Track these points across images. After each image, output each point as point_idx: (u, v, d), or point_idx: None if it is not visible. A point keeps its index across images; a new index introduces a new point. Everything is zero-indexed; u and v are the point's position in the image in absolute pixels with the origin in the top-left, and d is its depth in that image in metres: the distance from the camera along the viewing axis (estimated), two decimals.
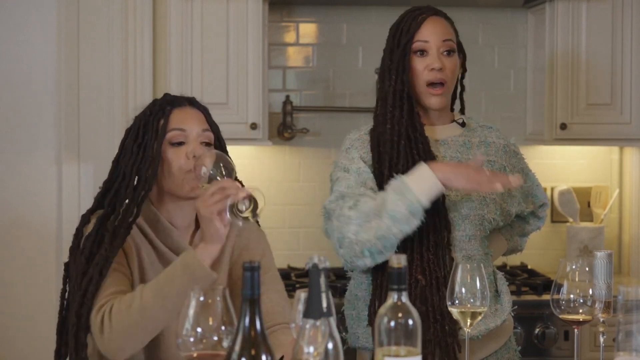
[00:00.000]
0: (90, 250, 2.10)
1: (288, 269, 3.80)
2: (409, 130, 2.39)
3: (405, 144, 2.37)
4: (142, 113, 2.21)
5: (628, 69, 3.64)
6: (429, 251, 2.34)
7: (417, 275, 2.32)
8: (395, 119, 2.39)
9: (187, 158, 2.14)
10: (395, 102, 2.40)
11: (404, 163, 2.35)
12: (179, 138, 2.16)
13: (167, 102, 2.20)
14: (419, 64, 2.41)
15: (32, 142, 3.62)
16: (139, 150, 2.15)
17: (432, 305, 2.31)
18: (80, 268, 2.09)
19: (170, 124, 2.16)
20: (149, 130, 2.16)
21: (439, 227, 2.35)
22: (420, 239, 2.33)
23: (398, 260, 1.53)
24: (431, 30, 2.42)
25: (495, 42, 3.95)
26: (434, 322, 2.31)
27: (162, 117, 2.16)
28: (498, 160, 2.51)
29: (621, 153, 3.96)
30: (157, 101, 2.24)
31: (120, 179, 2.17)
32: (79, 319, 2.05)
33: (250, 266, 1.45)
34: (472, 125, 2.54)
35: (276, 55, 3.89)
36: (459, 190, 2.35)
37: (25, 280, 3.58)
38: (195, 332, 1.57)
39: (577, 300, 2.07)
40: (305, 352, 1.45)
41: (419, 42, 2.41)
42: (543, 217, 2.69)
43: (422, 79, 2.41)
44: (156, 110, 2.18)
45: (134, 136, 2.18)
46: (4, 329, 3.58)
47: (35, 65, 3.60)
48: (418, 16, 2.43)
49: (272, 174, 3.90)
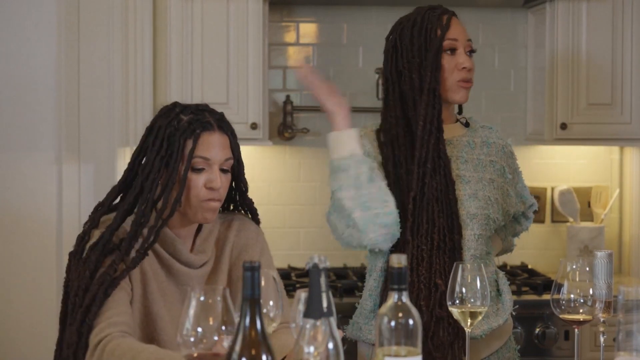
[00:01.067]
0: (96, 263, 2.07)
1: (288, 269, 3.80)
2: (436, 129, 2.41)
3: (434, 142, 2.39)
4: (167, 121, 2.14)
5: (628, 68, 3.64)
6: (446, 255, 2.36)
7: (436, 280, 2.34)
8: (429, 118, 2.39)
9: (205, 188, 2.13)
10: (429, 100, 2.40)
11: (431, 162, 2.38)
12: (201, 165, 2.13)
13: (198, 124, 2.13)
14: (448, 62, 2.44)
15: (32, 142, 3.61)
16: (161, 165, 2.11)
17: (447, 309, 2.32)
18: (83, 282, 2.06)
19: (197, 150, 2.12)
20: (174, 149, 2.11)
21: (453, 229, 2.38)
22: (439, 242, 2.36)
23: (398, 260, 1.53)
24: (458, 29, 2.46)
25: (495, 42, 3.95)
26: (448, 325, 2.32)
27: (189, 138, 2.12)
28: (498, 160, 2.53)
29: (621, 153, 3.96)
30: (184, 111, 2.16)
31: (138, 190, 2.12)
32: (79, 337, 2.03)
33: (250, 266, 1.45)
34: (474, 126, 2.57)
35: (276, 55, 3.89)
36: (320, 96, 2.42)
37: (25, 281, 3.57)
38: (196, 332, 1.57)
39: (577, 300, 2.07)
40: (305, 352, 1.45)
41: (450, 41, 2.44)
42: (531, 218, 2.73)
43: (453, 77, 2.44)
44: (184, 128, 2.12)
45: (157, 147, 2.12)
46: (4, 329, 3.57)
47: (35, 64, 3.60)
48: (441, 15, 2.45)
49: (272, 174, 3.90)
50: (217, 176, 2.14)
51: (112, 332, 2.00)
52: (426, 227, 2.36)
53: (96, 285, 2.04)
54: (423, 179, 2.37)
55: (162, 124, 2.15)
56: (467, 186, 2.44)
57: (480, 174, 2.47)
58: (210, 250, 2.23)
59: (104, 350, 1.97)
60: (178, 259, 2.17)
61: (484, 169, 2.49)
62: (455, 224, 2.38)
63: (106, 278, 2.04)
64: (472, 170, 2.46)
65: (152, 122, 2.19)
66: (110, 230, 2.10)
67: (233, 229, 2.28)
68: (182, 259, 2.18)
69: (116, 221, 2.11)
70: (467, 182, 2.44)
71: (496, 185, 2.49)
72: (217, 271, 2.24)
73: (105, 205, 2.18)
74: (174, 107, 2.19)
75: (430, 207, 2.36)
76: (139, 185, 2.13)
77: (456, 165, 2.45)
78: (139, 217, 2.09)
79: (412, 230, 2.35)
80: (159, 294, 2.15)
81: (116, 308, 2.05)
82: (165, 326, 2.13)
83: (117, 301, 2.06)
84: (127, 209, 2.13)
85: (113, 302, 2.05)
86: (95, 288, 2.04)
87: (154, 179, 2.11)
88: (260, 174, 3.88)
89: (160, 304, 2.14)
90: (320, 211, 3.68)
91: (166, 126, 2.14)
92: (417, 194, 2.36)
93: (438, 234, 2.36)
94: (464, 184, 2.44)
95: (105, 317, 2.03)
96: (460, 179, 2.44)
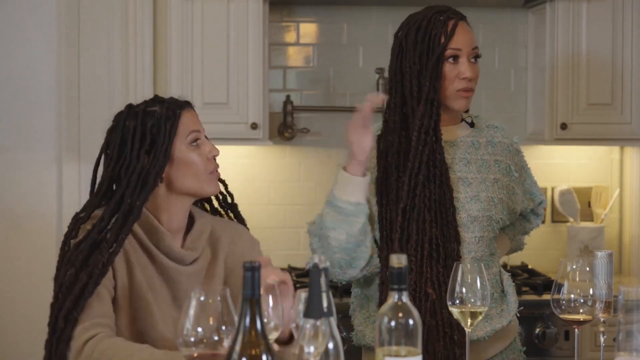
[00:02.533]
0: (83, 260, 2.07)
1: (288, 269, 3.80)
2: (433, 140, 2.38)
3: (429, 154, 2.36)
4: (139, 119, 2.17)
5: (628, 68, 3.64)
6: (439, 263, 2.34)
7: (427, 289, 2.33)
8: (424, 128, 2.37)
9: (207, 159, 2.19)
10: (426, 110, 2.37)
11: (424, 173, 2.35)
12: (196, 138, 2.20)
13: (174, 106, 2.20)
14: (450, 71, 2.40)
15: (32, 142, 3.62)
16: (149, 153, 2.14)
17: (441, 318, 2.31)
18: (71, 275, 2.06)
19: (186, 126, 2.18)
20: (161, 134, 2.15)
21: (449, 239, 2.35)
22: (430, 251, 2.33)
23: (398, 260, 1.53)
24: (463, 37, 2.41)
25: (495, 42, 3.95)
26: (444, 335, 2.31)
27: (173, 119, 2.17)
28: (504, 159, 2.52)
29: (622, 153, 3.96)
30: (149, 105, 2.20)
31: (125, 186, 2.13)
32: (66, 324, 2.03)
33: (250, 266, 1.45)
34: (479, 125, 2.54)
35: (276, 55, 3.89)
36: (361, 156, 2.34)
37: (25, 280, 3.58)
38: (196, 332, 1.57)
39: (577, 300, 2.07)
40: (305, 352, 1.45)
41: (452, 50, 2.40)
42: (541, 215, 2.71)
43: (454, 86, 2.41)
44: (164, 115, 2.17)
45: (137, 144, 2.15)
46: (4, 328, 3.58)
47: (35, 65, 3.60)
48: (447, 21, 2.41)
49: (272, 174, 3.90)
50: (213, 145, 2.22)
51: (99, 333, 2.01)
52: (415, 238, 2.33)
53: (85, 276, 2.05)
54: (414, 189, 2.34)
55: (135, 123, 2.17)
56: (469, 188, 2.43)
57: (484, 175, 2.46)
58: (201, 248, 2.23)
59: (93, 351, 1.97)
60: (167, 254, 2.17)
61: (488, 169, 2.47)
62: (451, 233, 2.35)
63: (94, 269, 2.05)
64: (475, 172, 2.45)
65: (118, 128, 2.19)
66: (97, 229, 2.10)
67: (226, 235, 2.29)
68: (172, 255, 2.17)
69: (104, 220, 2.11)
70: (469, 184, 2.43)
71: (501, 185, 2.48)
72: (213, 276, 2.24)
73: (85, 217, 2.16)
74: (132, 107, 2.22)
75: (421, 216, 2.34)
76: (124, 183, 2.14)
77: (458, 167, 2.44)
78: (125, 208, 2.11)
79: (401, 242, 2.33)
80: (147, 287, 2.14)
81: (100, 308, 2.06)
82: (155, 323, 2.13)
83: (101, 300, 2.06)
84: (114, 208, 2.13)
85: (97, 301, 2.05)
86: (85, 279, 2.04)
87: (139, 172, 2.13)
88: (260, 174, 3.88)
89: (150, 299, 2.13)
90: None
91: (141, 122, 2.17)
92: (407, 205, 2.34)
93: (429, 243, 2.33)
94: (466, 186, 2.43)
95: (89, 314, 2.03)
96: (462, 182, 2.43)
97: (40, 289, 3.55)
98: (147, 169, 2.14)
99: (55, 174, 3.60)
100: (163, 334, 2.10)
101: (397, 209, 2.34)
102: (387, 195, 2.37)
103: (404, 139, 2.39)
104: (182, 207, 2.21)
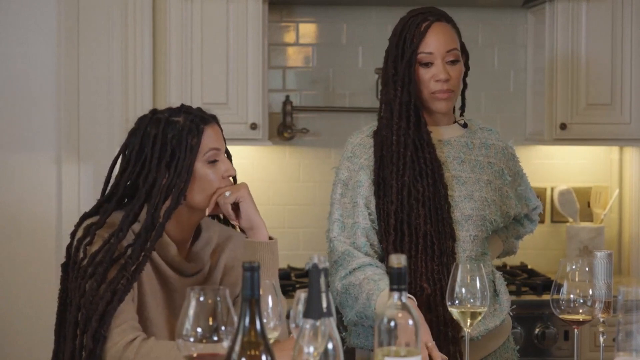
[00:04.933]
0: (104, 274, 2.06)
1: (288, 269, 3.80)
2: (415, 140, 2.38)
3: (411, 154, 2.36)
4: (161, 127, 2.14)
5: (628, 69, 3.64)
6: (434, 261, 2.33)
7: (421, 283, 2.32)
8: (402, 130, 2.37)
9: (222, 178, 2.17)
10: (401, 113, 2.38)
11: (410, 173, 2.35)
12: (214, 157, 2.17)
13: (198, 120, 2.16)
14: (424, 74, 2.39)
15: (32, 142, 3.62)
16: (167, 170, 2.12)
17: (436, 315, 2.31)
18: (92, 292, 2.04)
19: (207, 143, 2.15)
20: (182, 148, 2.13)
21: (444, 235, 2.36)
22: (424, 247, 2.33)
23: (398, 260, 1.53)
24: (435, 39, 2.38)
25: (495, 42, 3.95)
26: (438, 331, 2.31)
27: (196, 134, 2.14)
28: (497, 162, 2.52)
29: (621, 153, 3.97)
30: (173, 115, 2.17)
31: (144, 198, 2.11)
32: (95, 343, 2.02)
33: (250, 266, 1.45)
34: (473, 128, 2.54)
35: (276, 55, 3.89)
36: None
37: (25, 280, 3.58)
38: (195, 332, 1.57)
39: (577, 300, 2.07)
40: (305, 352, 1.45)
41: (424, 54, 2.38)
42: (536, 221, 2.69)
43: (429, 88, 2.39)
44: (187, 127, 2.14)
45: (157, 154, 2.13)
46: (4, 328, 3.58)
47: (35, 65, 3.60)
48: (421, 23, 2.38)
49: (272, 174, 3.90)
50: (230, 165, 2.20)
51: (138, 336, 2.03)
52: (408, 233, 2.33)
53: (109, 293, 2.04)
54: (401, 191, 2.34)
55: (157, 131, 2.14)
56: (463, 187, 2.43)
57: (478, 175, 2.46)
58: (205, 260, 2.24)
59: (135, 354, 1.99)
60: (170, 265, 2.17)
61: (482, 170, 2.47)
62: (446, 230, 2.35)
63: (119, 285, 2.04)
64: (469, 171, 2.45)
65: (139, 132, 2.17)
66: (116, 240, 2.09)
67: (230, 244, 2.29)
68: (175, 265, 2.17)
69: (122, 230, 2.10)
70: (463, 183, 2.43)
71: (494, 187, 2.48)
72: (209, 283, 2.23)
73: (101, 223, 2.13)
74: (156, 113, 2.19)
75: (415, 213, 2.34)
76: (143, 194, 2.12)
77: (452, 165, 2.44)
78: (148, 223, 2.09)
79: (395, 244, 2.33)
80: (152, 296, 2.15)
81: (131, 311, 2.07)
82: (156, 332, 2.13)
83: (129, 302, 2.07)
84: (132, 219, 2.12)
85: (126, 304, 2.06)
86: (109, 295, 2.04)
87: (160, 185, 2.11)
88: (260, 174, 3.88)
89: (152, 307, 2.14)
90: (320, 211, 3.68)
91: (162, 132, 2.14)
92: (397, 207, 2.34)
93: (424, 239, 2.32)
94: (460, 184, 2.43)
95: (123, 318, 2.04)
96: (456, 180, 2.43)
97: (40, 288, 3.56)
98: (168, 185, 2.11)
99: (55, 174, 3.60)
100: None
101: (390, 209, 2.35)
102: (383, 188, 2.37)
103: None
104: (191, 220, 2.20)
